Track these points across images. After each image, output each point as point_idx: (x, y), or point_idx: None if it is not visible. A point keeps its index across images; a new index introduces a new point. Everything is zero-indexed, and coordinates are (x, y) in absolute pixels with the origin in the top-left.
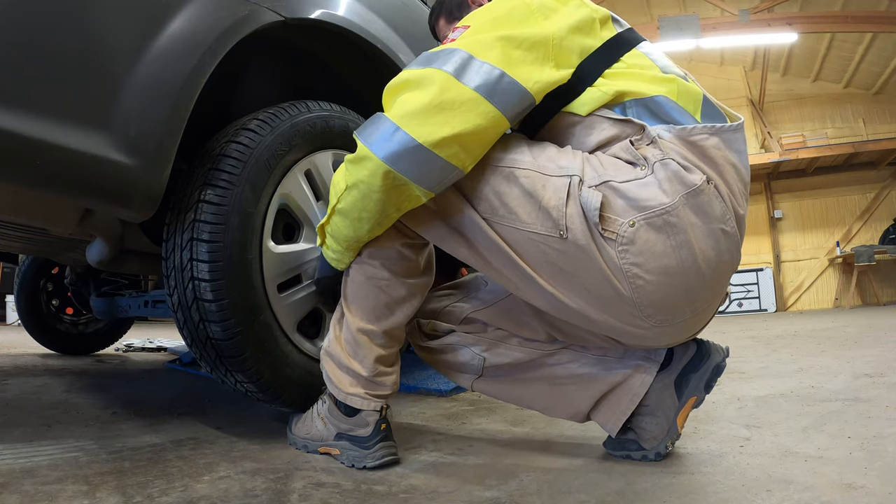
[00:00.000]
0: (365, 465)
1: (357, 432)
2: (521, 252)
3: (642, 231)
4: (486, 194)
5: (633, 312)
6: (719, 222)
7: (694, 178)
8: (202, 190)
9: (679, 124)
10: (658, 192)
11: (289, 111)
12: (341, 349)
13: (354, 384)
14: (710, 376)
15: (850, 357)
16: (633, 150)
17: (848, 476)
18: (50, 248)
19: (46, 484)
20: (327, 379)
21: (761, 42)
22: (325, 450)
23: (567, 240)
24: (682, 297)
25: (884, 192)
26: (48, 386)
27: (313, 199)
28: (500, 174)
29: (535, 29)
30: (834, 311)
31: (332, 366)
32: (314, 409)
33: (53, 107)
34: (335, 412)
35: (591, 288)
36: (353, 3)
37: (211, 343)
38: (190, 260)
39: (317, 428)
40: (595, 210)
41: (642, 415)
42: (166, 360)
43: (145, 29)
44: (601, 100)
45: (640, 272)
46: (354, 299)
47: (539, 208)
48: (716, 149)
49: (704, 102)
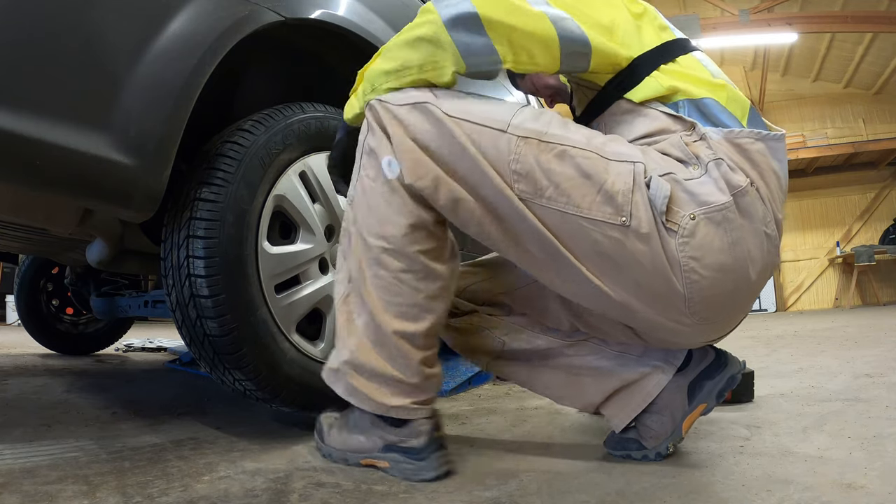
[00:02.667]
0: (423, 477)
1: (409, 443)
2: (566, 239)
3: (702, 225)
4: (530, 171)
5: (681, 308)
6: (762, 224)
7: (739, 178)
8: (198, 188)
9: (727, 127)
10: (715, 190)
11: (283, 112)
12: (374, 358)
13: (398, 394)
14: (724, 386)
15: (850, 357)
16: (685, 148)
17: (848, 476)
18: (50, 248)
19: (46, 484)
20: (352, 394)
21: (761, 42)
22: (370, 462)
23: (629, 228)
24: (729, 296)
25: (884, 192)
26: (48, 386)
27: (309, 200)
28: (548, 150)
29: (602, 14)
30: (834, 311)
31: (362, 380)
32: (349, 420)
33: (53, 107)
34: (379, 423)
35: (641, 280)
36: (354, 3)
37: (208, 340)
38: (186, 257)
39: (357, 440)
40: (665, 198)
41: (649, 413)
42: (166, 360)
43: (145, 29)
44: (656, 91)
45: (696, 266)
46: (384, 299)
47: (599, 191)
48: (760, 154)
49: (751, 111)
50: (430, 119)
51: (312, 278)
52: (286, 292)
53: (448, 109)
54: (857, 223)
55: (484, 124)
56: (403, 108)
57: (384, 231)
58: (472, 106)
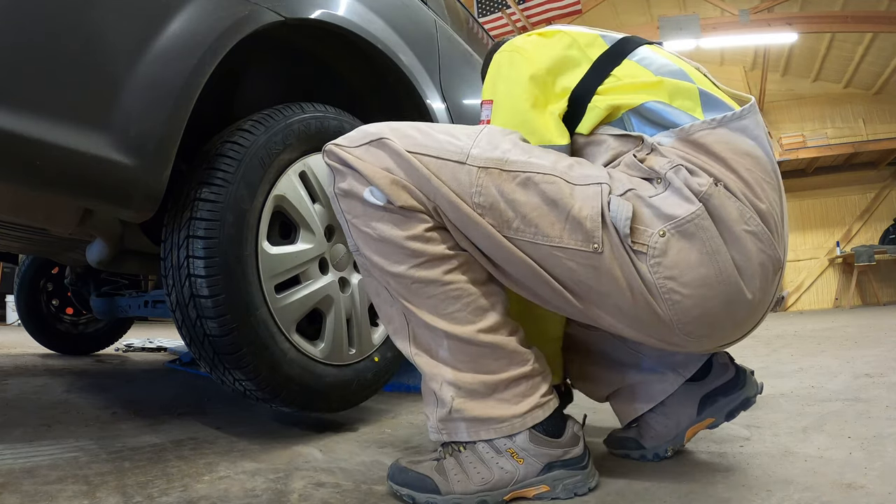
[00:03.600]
0: (589, 487)
1: (572, 453)
2: (544, 265)
3: (674, 240)
4: (493, 203)
5: (670, 330)
6: (740, 223)
7: (701, 181)
8: (198, 188)
9: (677, 125)
10: (681, 201)
11: (283, 112)
12: (482, 373)
13: (527, 393)
14: (737, 406)
15: (850, 357)
16: (640, 165)
17: (848, 476)
18: (50, 248)
19: (46, 484)
20: (481, 428)
21: (761, 42)
22: (519, 493)
23: (602, 255)
24: (723, 309)
25: (884, 192)
26: (48, 386)
27: (309, 200)
28: (511, 179)
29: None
30: (834, 311)
31: (485, 405)
32: (473, 454)
33: (53, 107)
34: (539, 439)
35: (622, 306)
36: (353, 3)
37: (208, 340)
38: (186, 257)
39: (503, 470)
40: (627, 220)
41: (655, 412)
42: (166, 360)
43: (145, 29)
44: (598, 116)
45: (675, 286)
46: (447, 312)
47: (567, 218)
48: (722, 143)
49: (702, 95)
50: (389, 153)
51: (312, 278)
52: (286, 292)
53: (405, 145)
54: (857, 223)
55: (441, 157)
56: (360, 149)
57: (406, 252)
58: (427, 139)
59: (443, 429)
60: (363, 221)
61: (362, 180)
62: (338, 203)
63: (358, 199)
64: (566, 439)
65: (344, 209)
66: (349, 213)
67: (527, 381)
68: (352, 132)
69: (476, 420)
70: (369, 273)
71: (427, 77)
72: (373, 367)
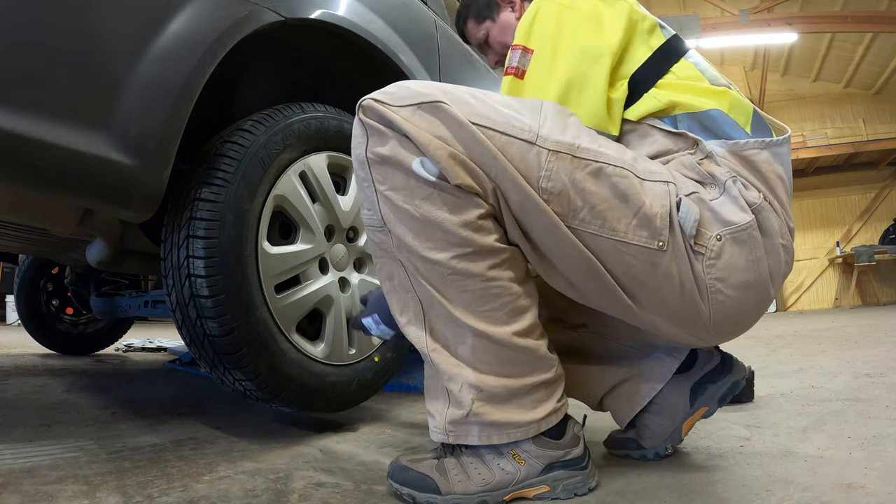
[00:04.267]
0: (589, 487)
1: (573, 454)
2: (602, 258)
3: (728, 245)
4: (562, 190)
5: (704, 326)
6: (779, 237)
7: (753, 195)
8: (198, 188)
9: (731, 139)
10: (737, 209)
11: (283, 112)
12: (506, 376)
13: (543, 400)
14: (727, 391)
15: (850, 357)
16: (698, 167)
17: (848, 476)
18: (50, 248)
19: (46, 484)
20: (495, 433)
21: (761, 42)
22: (519, 494)
23: (665, 252)
24: (753, 311)
25: (884, 192)
26: (48, 386)
27: (309, 201)
28: (583, 167)
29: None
30: (834, 311)
31: (503, 410)
32: (474, 455)
33: (54, 107)
34: (541, 441)
35: (669, 301)
36: (353, 3)
37: (208, 340)
38: (186, 257)
39: (503, 471)
40: (695, 222)
41: (649, 413)
42: (166, 360)
43: (145, 29)
44: (654, 107)
45: (722, 287)
46: (483, 311)
47: (636, 214)
48: (766, 163)
49: (754, 116)
50: (446, 120)
51: (312, 278)
52: (286, 292)
53: (465, 113)
54: (857, 223)
55: (508, 133)
56: (407, 110)
57: (453, 239)
58: (488, 109)
59: (452, 431)
60: (405, 196)
61: (412, 148)
62: (368, 169)
63: (401, 168)
64: (567, 440)
65: (377, 177)
66: (384, 184)
67: (546, 388)
68: (391, 87)
69: (492, 425)
70: (387, 253)
71: (427, 77)
72: (373, 367)
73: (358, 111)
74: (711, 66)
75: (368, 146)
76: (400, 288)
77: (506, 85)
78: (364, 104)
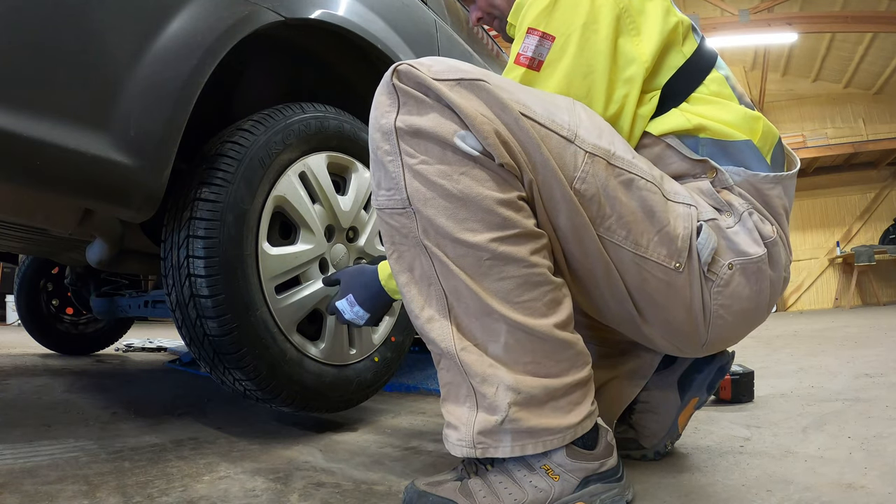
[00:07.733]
0: (626, 500)
1: (608, 464)
2: (622, 271)
3: (737, 274)
4: (595, 195)
5: (698, 343)
6: (783, 270)
7: (768, 229)
8: (198, 188)
9: (750, 169)
10: (751, 241)
11: (283, 112)
12: (544, 376)
13: (580, 400)
14: (714, 378)
15: (850, 357)
16: (716, 195)
17: (848, 476)
18: (50, 248)
19: (46, 484)
20: (532, 441)
21: (761, 42)
22: None
23: (681, 273)
24: (744, 332)
25: (884, 192)
26: (48, 386)
27: (309, 201)
28: (616, 176)
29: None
30: (834, 311)
31: (541, 415)
32: (502, 473)
33: (54, 107)
34: (575, 453)
35: (672, 320)
36: (354, 3)
37: (208, 340)
38: (187, 257)
39: (536, 489)
40: (713, 250)
41: (643, 412)
42: (166, 360)
43: (145, 29)
44: (681, 126)
45: (724, 313)
46: (522, 301)
47: (659, 232)
48: (778, 198)
49: (777, 146)
50: (489, 100)
51: (312, 279)
52: (286, 293)
53: (507, 97)
54: (857, 223)
55: (549, 127)
56: (447, 84)
57: (493, 218)
58: (529, 98)
59: (481, 443)
60: (441, 171)
61: (455, 119)
62: (396, 140)
63: (438, 141)
64: (601, 450)
65: (406, 150)
66: (415, 157)
67: (581, 388)
68: (426, 59)
69: (527, 432)
70: (409, 239)
71: None
72: (373, 367)
73: (391, 76)
74: (733, 76)
75: (399, 115)
76: (421, 280)
77: (514, 77)
78: (401, 69)
